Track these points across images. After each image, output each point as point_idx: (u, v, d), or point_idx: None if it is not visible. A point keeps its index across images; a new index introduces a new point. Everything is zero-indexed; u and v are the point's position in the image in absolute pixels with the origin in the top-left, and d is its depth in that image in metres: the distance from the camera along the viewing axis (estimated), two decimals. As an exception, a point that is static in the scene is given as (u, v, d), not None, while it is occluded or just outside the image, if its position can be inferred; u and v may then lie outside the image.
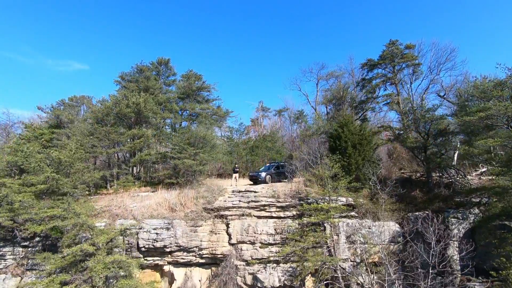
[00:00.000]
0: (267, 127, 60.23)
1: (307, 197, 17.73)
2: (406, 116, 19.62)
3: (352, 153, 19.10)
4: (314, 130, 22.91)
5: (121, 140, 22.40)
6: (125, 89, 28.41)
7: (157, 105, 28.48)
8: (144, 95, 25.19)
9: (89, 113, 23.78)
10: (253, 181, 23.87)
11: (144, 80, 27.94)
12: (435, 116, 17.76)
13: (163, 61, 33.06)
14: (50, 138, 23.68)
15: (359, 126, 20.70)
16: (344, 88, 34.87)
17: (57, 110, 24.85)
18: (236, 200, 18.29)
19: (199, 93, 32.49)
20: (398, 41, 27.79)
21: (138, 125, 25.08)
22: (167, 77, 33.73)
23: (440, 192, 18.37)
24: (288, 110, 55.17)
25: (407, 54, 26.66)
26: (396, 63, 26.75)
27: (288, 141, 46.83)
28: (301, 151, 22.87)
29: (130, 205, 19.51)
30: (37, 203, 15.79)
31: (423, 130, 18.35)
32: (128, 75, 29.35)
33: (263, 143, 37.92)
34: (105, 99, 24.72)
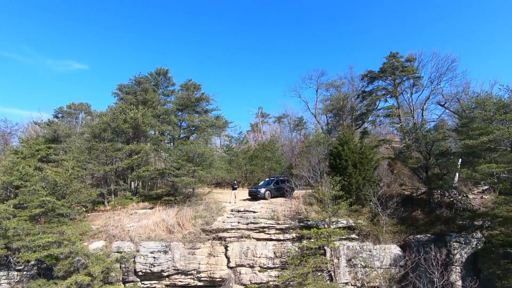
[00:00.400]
0: (266, 133, 60.00)
1: (307, 218, 17.45)
2: (408, 134, 19.34)
3: (353, 172, 18.82)
4: (314, 145, 22.56)
5: (119, 156, 22.08)
6: (123, 102, 28.15)
7: (156, 117, 28.26)
8: (142, 109, 24.92)
9: (87, 127, 23.45)
10: (252, 196, 23.59)
11: (142, 93, 27.65)
12: (437, 137, 17.49)
13: (162, 72, 32.76)
14: (47, 154, 23.38)
15: (359, 144, 20.40)
16: (344, 98, 34.62)
17: (54, 124, 24.52)
18: (235, 221, 18.01)
19: (198, 104, 32.18)
20: (398, 54, 27.59)
21: (136, 139, 24.82)
22: (166, 87, 33.45)
23: (442, 212, 18.10)
24: (288, 117, 54.98)
25: (407, 67, 26.44)
26: (397, 76, 26.54)
27: (288, 149, 46.61)
28: (301, 168, 22.58)
29: (127, 224, 19.23)
30: (32, 226, 15.50)
31: (424, 150, 18.09)
32: (126, 87, 29.07)
33: (263, 153, 37.62)
34: (103, 113, 24.38)
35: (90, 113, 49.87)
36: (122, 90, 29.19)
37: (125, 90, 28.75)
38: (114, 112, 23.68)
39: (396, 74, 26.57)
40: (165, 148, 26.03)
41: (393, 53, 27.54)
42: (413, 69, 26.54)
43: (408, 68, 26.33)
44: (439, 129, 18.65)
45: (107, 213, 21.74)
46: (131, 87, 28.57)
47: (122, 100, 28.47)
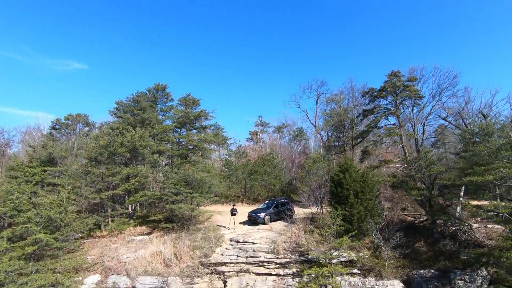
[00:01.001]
0: (266, 142, 59.55)
1: (307, 252, 17.04)
2: (410, 164, 18.94)
3: (354, 202, 18.43)
4: (314, 169, 22.17)
5: (116, 181, 21.64)
6: (121, 120, 27.71)
7: (155, 136, 27.83)
8: (140, 130, 24.49)
9: (83, 149, 23.00)
10: (252, 221, 23.19)
11: (140, 112, 27.21)
12: (440, 169, 17.12)
13: (160, 87, 32.35)
14: (42, 179, 22.92)
15: (361, 171, 19.99)
16: (344, 113, 34.25)
17: (50, 147, 24.04)
18: (234, 254, 17.59)
19: (198, 120, 31.76)
20: (400, 73, 27.18)
21: (134, 160, 24.39)
22: (164, 103, 33.02)
23: (446, 244, 17.72)
24: (287, 127, 54.58)
25: (409, 87, 26.04)
26: (398, 96, 26.16)
27: (288, 161, 46.22)
28: (301, 194, 22.19)
29: (123, 255, 18.80)
30: (24, 265, 15.06)
31: (427, 181, 17.70)
32: (124, 105, 28.61)
33: (262, 168, 37.25)
34: (100, 135, 23.94)
35: (88, 124, 49.50)
36: (119, 109, 28.72)
37: (123, 108, 28.27)
38: (111, 134, 23.27)
39: (397, 94, 26.19)
40: (163, 171, 25.57)
41: (394, 72, 27.12)
42: (415, 89, 26.16)
43: (410, 88, 25.94)
44: (442, 159, 18.25)
45: (104, 239, 21.32)
46: (129, 106, 28.11)
47: (120, 118, 28.03)
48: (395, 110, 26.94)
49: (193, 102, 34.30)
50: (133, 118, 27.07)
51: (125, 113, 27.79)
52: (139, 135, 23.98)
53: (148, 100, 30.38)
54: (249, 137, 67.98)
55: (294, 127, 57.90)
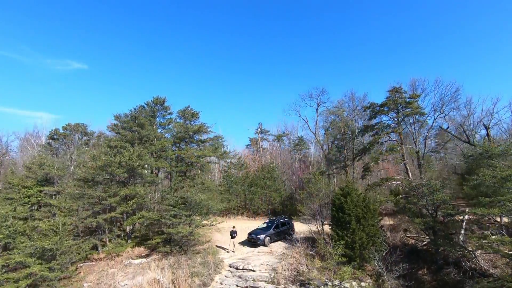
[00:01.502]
0: (267, 148, 59.15)
1: (308, 282, 16.68)
2: (413, 190, 18.58)
3: (356, 228, 18.08)
4: (314, 191, 21.82)
5: (113, 203, 21.26)
6: (119, 136, 27.34)
7: (154, 153, 27.46)
8: (138, 149, 24.12)
9: (80, 172, 22.62)
10: (252, 242, 22.83)
11: (138, 129, 26.84)
12: (444, 196, 16.77)
13: (159, 101, 32.01)
14: (38, 200, 22.54)
15: (362, 195, 19.63)
16: (346, 126, 33.92)
17: (46, 166, 23.65)
18: (233, 283, 17.21)
19: (197, 134, 31.41)
20: (401, 89, 26.88)
21: (131, 179, 24.03)
22: (163, 117, 32.67)
23: (450, 272, 17.36)
24: (288, 135, 54.27)
25: (411, 103, 25.70)
26: (400, 114, 25.83)
27: (287, 170, 45.86)
28: (301, 215, 21.85)
29: (121, 281, 18.41)
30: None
31: (431, 208, 17.36)
32: (123, 121, 28.23)
33: (262, 180, 36.93)
34: (96, 155, 23.51)
35: (86, 133, 49.11)
36: (117, 126, 28.34)
37: (121, 125, 27.88)
38: (108, 153, 22.89)
39: (399, 111, 25.87)
40: (161, 192, 25.22)
41: (396, 88, 26.81)
42: (416, 106, 25.82)
43: (412, 105, 25.61)
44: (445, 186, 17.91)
45: (101, 263, 20.93)
46: (127, 122, 27.73)
47: (118, 135, 27.66)
48: (396, 126, 26.61)
49: (192, 115, 34.03)
50: (131, 134, 26.71)
51: (123, 129, 27.43)
52: (137, 154, 23.63)
53: (146, 115, 30.01)
54: (249, 143, 67.75)
55: (294, 135, 57.62)
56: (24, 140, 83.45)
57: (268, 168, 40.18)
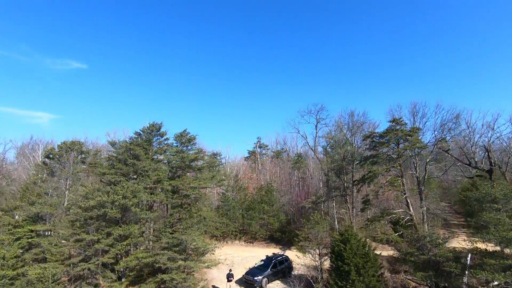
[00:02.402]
0: (265, 161, 58.55)
1: None
2: (415, 242, 18.09)
3: (356, 280, 17.54)
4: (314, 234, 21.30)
5: (105, 247, 20.66)
6: (113, 170, 26.70)
7: (150, 184, 26.85)
8: (132, 186, 23.54)
9: (73, 213, 22.02)
10: (249, 284, 22.28)
11: (133, 161, 26.22)
12: (447, 254, 16.29)
13: (155, 127, 31.34)
14: (29, 242, 21.92)
15: (362, 242, 19.11)
16: (345, 152, 33.37)
17: (38, 205, 23.01)
18: None
19: (194, 162, 30.83)
20: (402, 120, 26.43)
21: (125, 217, 23.44)
22: (159, 143, 32.04)
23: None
24: (286, 152, 53.72)
25: (412, 138, 25.22)
26: (400, 149, 25.34)
27: (286, 191, 45.34)
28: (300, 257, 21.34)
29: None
30: None
31: (433, 261, 16.84)
32: (117, 153, 27.62)
33: (260, 205, 36.40)
34: (89, 192, 22.89)
35: (82, 152, 48.54)
36: (111, 158, 27.72)
37: (116, 156, 27.25)
38: (102, 192, 22.32)
39: (399, 147, 25.39)
40: (156, 230, 24.66)
41: (396, 120, 26.36)
42: (417, 140, 25.35)
43: (413, 139, 25.13)
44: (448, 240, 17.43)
45: (93, 307, 20.43)
46: (122, 153, 27.08)
47: (112, 167, 27.02)
48: (397, 158, 26.12)
49: (189, 140, 33.49)
50: (126, 168, 26.11)
51: (118, 162, 26.79)
52: (131, 190, 23.07)
53: (142, 143, 29.37)
54: (248, 155, 67.22)
55: (293, 150, 57.13)
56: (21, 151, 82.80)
57: (267, 188, 39.67)
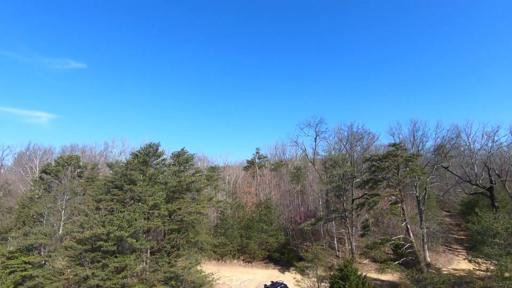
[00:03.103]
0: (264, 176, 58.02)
1: None
2: (416, 283, 17.78)
3: (356, 320, 17.23)
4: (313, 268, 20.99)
5: (100, 280, 20.28)
6: (109, 194, 26.30)
7: (147, 209, 26.46)
8: (128, 215, 23.12)
9: (68, 246, 21.63)
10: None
11: (130, 187, 25.82)
12: None
13: (152, 149, 30.96)
14: (22, 276, 21.50)
15: (362, 277, 18.78)
16: (345, 172, 33.04)
17: (32, 235, 22.58)
18: None
19: (191, 185, 30.42)
20: (403, 146, 26.14)
21: (120, 250, 23.04)
22: (156, 165, 31.66)
23: None
24: (285, 164, 53.30)
25: (412, 165, 24.89)
26: (401, 176, 25.02)
27: (285, 204, 44.98)
28: None
29: None
30: None
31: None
32: (114, 178, 27.20)
33: (259, 224, 36.05)
34: (84, 222, 22.48)
35: (79, 166, 48.18)
36: (107, 184, 27.31)
37: (113, 183, 26.79)
38: (97, 222, 21.92)
39: (399, 174, 25.07)
40: (152, 260, 24.26)
41: (397, 146, 26.02)
42: (417, 166, 25.04)
43: (413, 166, 24.80)
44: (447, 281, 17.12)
45: None
46: (118, 179, 26.65)
47: (108, 192, 26.61)
48: (396, 183, 25.81)
49: (187, 160, 33.17)
50: (122, 194, 25.72)
51: (115, 187, 26.36)
52: (127, 220, 22.69)
53: (139, 165, 28.97)
54: (247, 165, 66.84)
55: (293, 159, 56.74)
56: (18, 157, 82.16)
57: (265, 204, 39.31)
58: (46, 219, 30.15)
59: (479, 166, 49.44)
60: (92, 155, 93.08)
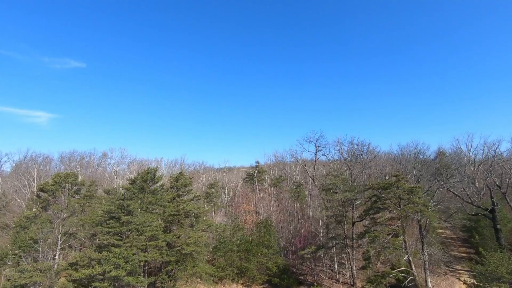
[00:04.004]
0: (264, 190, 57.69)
1: None
2: None
3: None
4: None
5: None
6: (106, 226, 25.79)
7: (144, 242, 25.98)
8: (125, 251, 22.68)
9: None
10: None
11: (128, 218, 25.33)
12: None
13: (149, 175, 30.50)
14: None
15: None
16: (344, 198, 32.59)
17: (27, 273, 22.05)
18: None
19: (189, 213, 29.97)
20: (404, 177, 25.66)
21: (117, 284, 22.60)
22: (154, 192, 31.17)
23: None
24: (285, 180, 52.88)
25: (414, 198, 24.45)
26: (403, 209, 24.56)
27: (286, 220, 44.56)
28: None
29: None
30: None
31: None
32: (110, 210, 26.72)
33: (258, 248, 35.59)
34: (80, 259, 22.03)
35: (76, 183, 47.74)
36: (103, 216, 26.83)
37: (109, 215, 26.30)
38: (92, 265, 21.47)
39: (401, 207, 24.62)
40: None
41: (398, 177, 25.60)
42: (420, 200, 24.60)
43: (414, 199, 24.36)
44: None
45: None
46: (115, 210, 26.17)
47: (105, 222, 26.13)
48: (398, 217, 25.38)
49: (185, 185, 32.75)
50: (119, 226, 25.23)
51: (111, 218, 25.87)
52: (124, 256, 22.24)
53: (136, 192, 28.51)
54: (246, 177, 66.42)
55: (292, 177, 56.24)
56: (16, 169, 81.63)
57: (265, 223, 38.89)
58: (41, 246, 29.72)
59: (480, 181, 49.09)
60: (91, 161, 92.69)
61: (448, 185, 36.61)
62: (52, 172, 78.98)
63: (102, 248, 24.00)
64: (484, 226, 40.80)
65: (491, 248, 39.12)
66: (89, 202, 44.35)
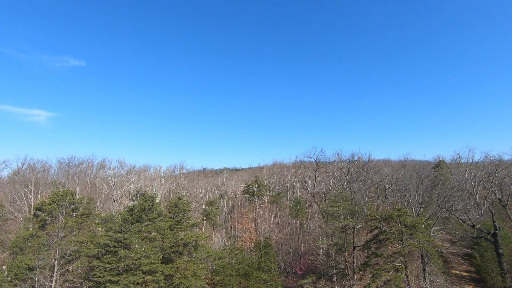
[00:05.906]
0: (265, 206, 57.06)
1: None
2: None
3: None
4: None
5: None
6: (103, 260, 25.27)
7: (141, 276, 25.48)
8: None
9: None
10: None
11: (125, 252, 24.82)
12: None
13: (147, 204, 29.97)
14: None
15: None
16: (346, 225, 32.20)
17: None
18: None
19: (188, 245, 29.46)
20: (406, 212, 25.23)
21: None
22: (151, 218, 30.67)
23: None
24: (285, 196, 52.42)
25: (416, 233, 24.03)
26: (406, 246, 24.14)
27: (286, 238, 44.13)
28: None
29: None
30: None
31: None
32: (107, 244, 26.17)
33: (257, 273, 35.16)
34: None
35: (74, 201, 47.22)
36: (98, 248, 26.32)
37: (107, 249, 25.75)
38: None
39: (404, 244, 24.19)
40: None
41: (399, 210, 25.17)
42: (422, 236, 24.19)
43: (417, 234, 23.95)
44: None
45: None
46: (111, 246, 25.61)
47: (102, 256, 25.63)
48: (400, 253, 24.95)
49: (184, 212, 32.29)
50: (116, 261, 24.72)
51: (108, 252, 25.35)
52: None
53: (133, 221, 28.01)
54: (245, 189, 65.96)
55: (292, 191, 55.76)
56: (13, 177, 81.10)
57: (264, 243, 38.46)
58: (37, 276, 29.25)
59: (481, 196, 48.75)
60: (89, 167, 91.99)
61: (451, 211, 36.25)
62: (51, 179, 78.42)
63: (100, 284, 23.54)
64: (486, 248, 40.34)
65: (493, 272, 38.81)
66: (86, 221, 43.90)
